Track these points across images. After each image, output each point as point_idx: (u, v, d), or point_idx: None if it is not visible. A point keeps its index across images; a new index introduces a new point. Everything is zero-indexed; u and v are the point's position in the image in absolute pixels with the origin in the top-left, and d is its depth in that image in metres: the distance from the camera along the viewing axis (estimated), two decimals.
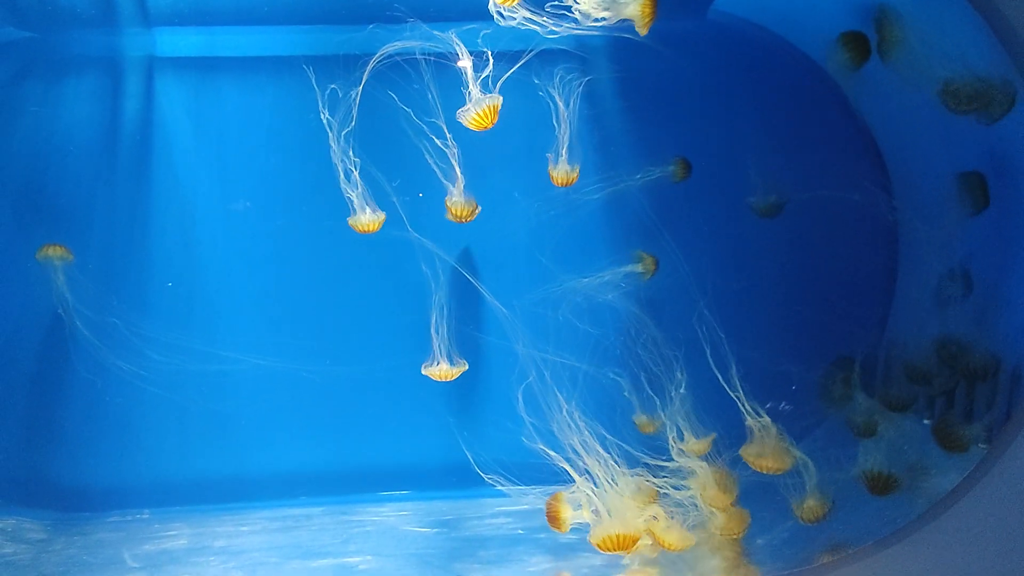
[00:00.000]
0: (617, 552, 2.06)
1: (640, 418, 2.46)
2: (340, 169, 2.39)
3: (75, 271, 2.46)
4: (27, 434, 2.51)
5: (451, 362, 2.46)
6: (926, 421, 2.33)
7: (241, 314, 2.56)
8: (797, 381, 2.54)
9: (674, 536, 2.11)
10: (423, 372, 2.43)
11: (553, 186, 2.48)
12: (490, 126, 2.26)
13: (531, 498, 2.43)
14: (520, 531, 2.39)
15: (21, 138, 2.47)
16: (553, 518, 2.19)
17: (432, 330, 2.48)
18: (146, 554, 2.31)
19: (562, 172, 2.45)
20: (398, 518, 2.49)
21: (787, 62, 2.59)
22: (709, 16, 2.64)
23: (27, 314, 2.48)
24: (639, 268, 2.58)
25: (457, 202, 2.43)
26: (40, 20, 2.47)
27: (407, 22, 2.34)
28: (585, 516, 2.16)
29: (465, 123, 2.27)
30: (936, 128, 2.37)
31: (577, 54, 2.52)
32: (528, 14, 2.22)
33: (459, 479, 2.50)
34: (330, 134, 2.38)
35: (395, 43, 2.36)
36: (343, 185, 2.39)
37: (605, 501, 2.11)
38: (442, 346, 2.48)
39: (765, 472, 2.24)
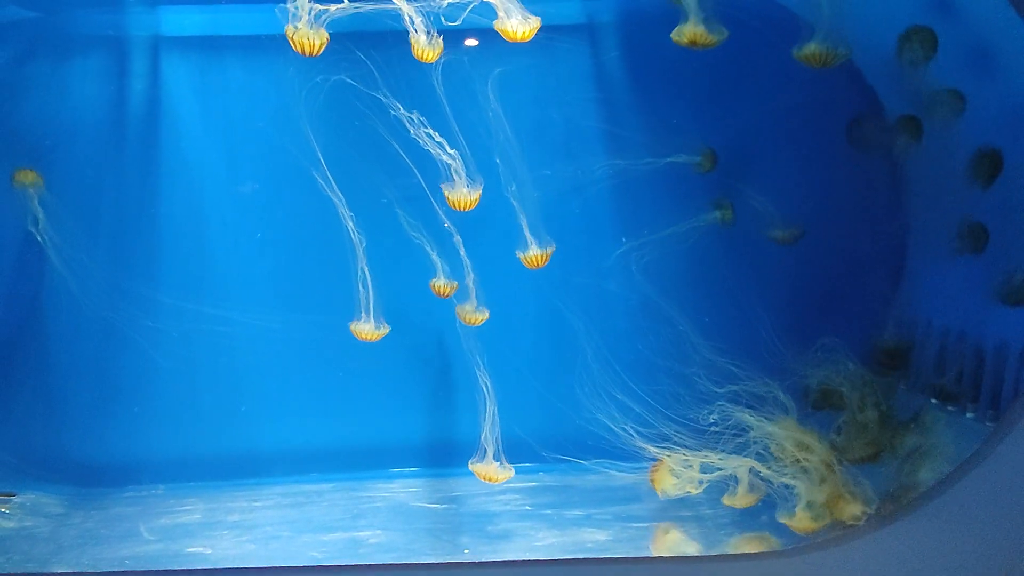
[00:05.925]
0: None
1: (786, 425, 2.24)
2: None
3: (85, 254, 2.47)
4: (45, 413, 2.55)
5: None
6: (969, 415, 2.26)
7: (252, 291, 2.57)
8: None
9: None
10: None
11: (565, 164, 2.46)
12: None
13: (541, 475, 2.46)
14: (528, 507, 2.41)
15: (27, 119, 2.47)
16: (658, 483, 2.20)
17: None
18: (162, 527, 2.35)
19: (534, 254, 2.35)
20: (407, 494, 2.52)
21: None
22: None
23: (40, 298, 2.51)
24: (717, 216, 2.53)
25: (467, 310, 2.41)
26: (44, 0, 2.45)
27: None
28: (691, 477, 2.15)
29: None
30: None
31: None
32: None
33: (468, 456, 2.51)
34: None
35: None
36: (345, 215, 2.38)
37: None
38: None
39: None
